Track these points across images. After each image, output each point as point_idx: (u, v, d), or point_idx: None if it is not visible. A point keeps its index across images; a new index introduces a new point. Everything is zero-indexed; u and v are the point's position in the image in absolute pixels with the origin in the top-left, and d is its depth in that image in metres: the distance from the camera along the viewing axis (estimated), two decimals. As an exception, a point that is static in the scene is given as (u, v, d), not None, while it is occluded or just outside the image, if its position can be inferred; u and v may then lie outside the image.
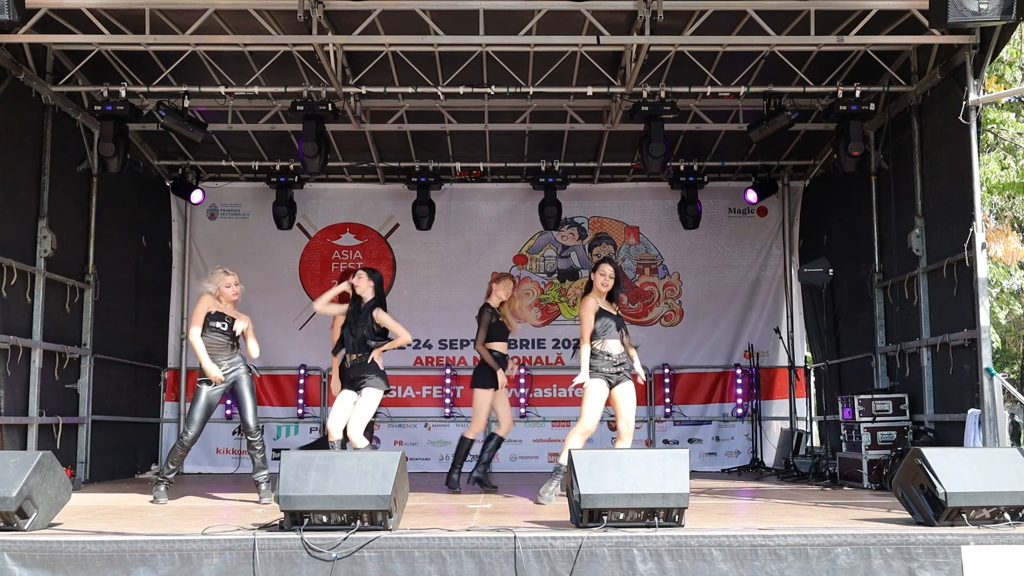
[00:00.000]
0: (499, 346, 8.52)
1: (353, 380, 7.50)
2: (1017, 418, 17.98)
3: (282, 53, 9.38)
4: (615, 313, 7.33)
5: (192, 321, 7.54)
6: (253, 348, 7.63)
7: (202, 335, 7.43)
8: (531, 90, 9.68)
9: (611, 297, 7.37)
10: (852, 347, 11.02)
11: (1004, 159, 15.03)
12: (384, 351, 7.53)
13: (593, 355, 7.18)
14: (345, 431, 7.41)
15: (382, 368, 7.53)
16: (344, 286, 7.77)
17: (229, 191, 12.75)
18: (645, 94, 9.48)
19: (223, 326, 7.50)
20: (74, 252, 9.98)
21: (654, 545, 4.99)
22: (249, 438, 7.57)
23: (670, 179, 12.18)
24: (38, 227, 9.18)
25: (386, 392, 7.59)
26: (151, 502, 7.36)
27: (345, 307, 7.70)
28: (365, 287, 7.60)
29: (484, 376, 8.46)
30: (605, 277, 7.31)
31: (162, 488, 7.44)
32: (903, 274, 9.57)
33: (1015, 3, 7.06)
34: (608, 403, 7.26)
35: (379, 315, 7.53)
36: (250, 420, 7.49)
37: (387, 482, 5.16)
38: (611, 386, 7.20)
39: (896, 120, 9.73)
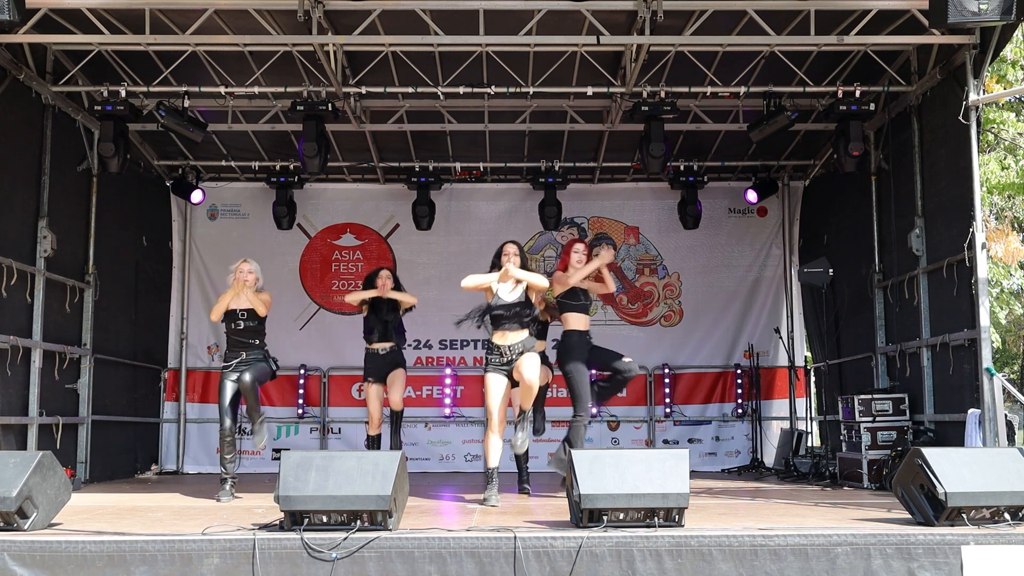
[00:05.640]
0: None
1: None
2: (1012, 417, 17.93)
3: (282, 53, 9.38)
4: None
5: (212, 311, 8.00)
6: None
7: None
8: (531, 90, 9.68)
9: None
10: (852, 347, 11.02)
11: (1004, 159, 15.01)
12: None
13: None
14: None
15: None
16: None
17: (229, 191, 12.75)
18: (645, 94, 9.49)
19: (238, 324, 7.83)
20: (74, 252, 9.99)
21: (654, 545, 4.99)
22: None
23: (670, 179, 12.18)
24: (38, 227, 9.18)
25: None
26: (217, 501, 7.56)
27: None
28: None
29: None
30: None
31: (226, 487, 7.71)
32: (903, 274, 9.57)
33: (1015, 3, 7.07)
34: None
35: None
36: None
37: (387, 482, 5.16)
38: None
39: (896, 120, 9.73)
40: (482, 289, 7.17)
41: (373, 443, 8.86)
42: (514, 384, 7.26)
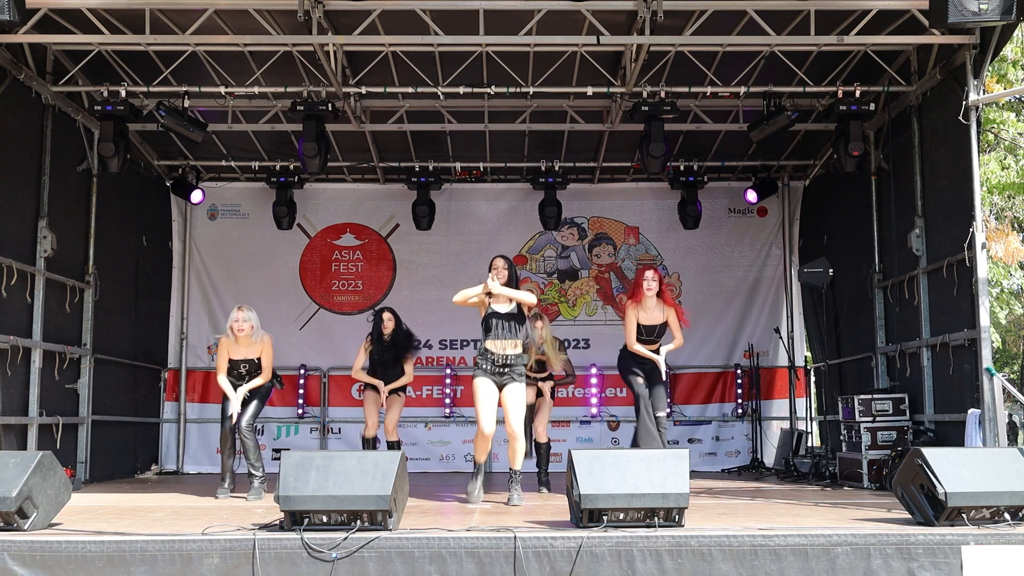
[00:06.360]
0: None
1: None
2: (1015, 418, 17.94)
3: (282, 53, 9.38)
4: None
5: (217, 370, 8.08)
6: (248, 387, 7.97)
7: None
8: (531, 90, 9.68)
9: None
10: (852, 347, 11.02)
11: (1004, 159, 15.01)
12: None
13: None
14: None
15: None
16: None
17: (229, 191, 12.75)
18: (645, 94, 9.48)
19: (236, 380, 7.97)
20: (74, 252, 9.98)
21: (654, 545, 4.99)
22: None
23: (670, 179, 12.18)
24: (38, 227, 9.18)
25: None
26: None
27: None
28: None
29: None
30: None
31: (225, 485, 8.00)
32: (903, 274, 9.57)
33: (1015, 3, 7.07)
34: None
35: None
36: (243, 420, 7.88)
37: (387, 482, 5.16)
38: None
39: (896, 120, 9.73)
40: (473, 303, 7.22)
41: (369, 445, 8.89)
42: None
